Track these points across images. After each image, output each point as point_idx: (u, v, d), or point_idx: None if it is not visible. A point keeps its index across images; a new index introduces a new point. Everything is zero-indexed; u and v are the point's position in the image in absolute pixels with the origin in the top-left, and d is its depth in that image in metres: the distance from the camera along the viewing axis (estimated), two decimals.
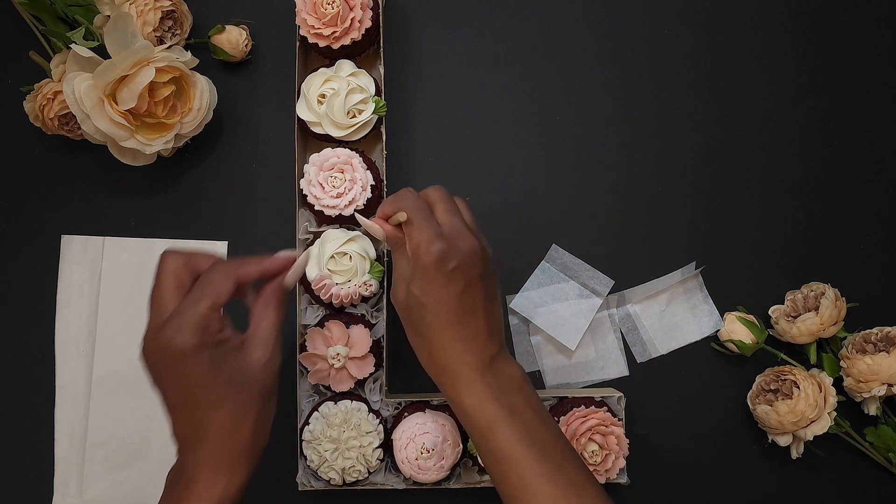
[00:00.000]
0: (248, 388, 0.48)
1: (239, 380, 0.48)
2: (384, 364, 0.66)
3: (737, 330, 0.68)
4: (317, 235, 0.66)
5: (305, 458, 0.64)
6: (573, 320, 0.69)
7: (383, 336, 0.66)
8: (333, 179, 0.63)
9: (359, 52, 0.68)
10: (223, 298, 0.48)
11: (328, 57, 0.68)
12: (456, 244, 0.51)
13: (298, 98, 0.66)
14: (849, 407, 0.68)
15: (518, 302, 0.70)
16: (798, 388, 0.64)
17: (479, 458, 0.63)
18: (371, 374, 0.65)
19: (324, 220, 0.65)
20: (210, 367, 0.46)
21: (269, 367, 0.50)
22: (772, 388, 0.66)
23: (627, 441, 0.64)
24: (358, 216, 0.56)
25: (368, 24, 0.65)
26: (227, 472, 0.47)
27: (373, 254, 0.64)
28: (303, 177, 0.64)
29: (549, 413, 0.55)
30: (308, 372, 0.65)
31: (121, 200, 0.71)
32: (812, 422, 0.64)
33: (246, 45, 0.70)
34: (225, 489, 0.47)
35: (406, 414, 0.65)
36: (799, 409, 0.63)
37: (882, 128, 0.72)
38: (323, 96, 0.65)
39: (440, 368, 0.52)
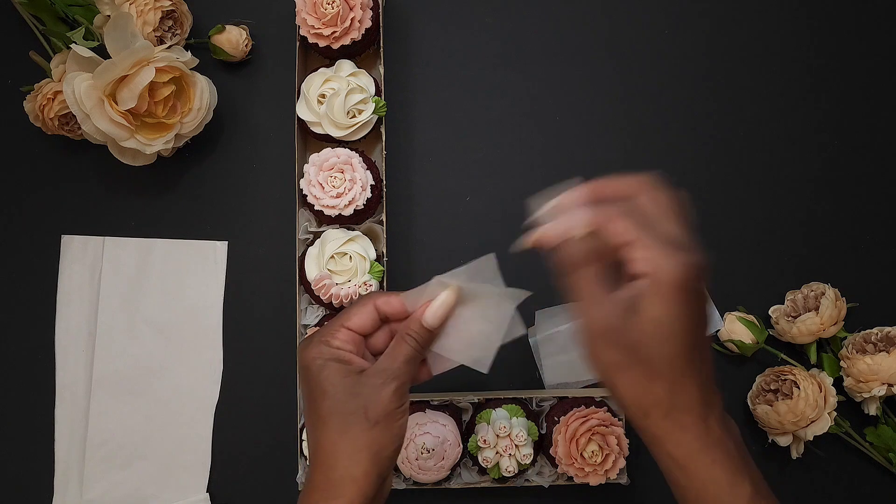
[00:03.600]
0: (359, 410, 0.44)
1: (352, 398, 0.44)
2: None
3: (737, 330, 0.68)
4: (317, 235, 0.66)
5: (305, 459, 0.64)
6: None
7: None
8: (333, 179, 0.63)
9: (359, 52, 0.68)
10: (352, 322, 0.46)
11: (328, 57, 0.68)
12: (697, 256, 0.40)
13: (298, 98, 0.66)
14: (849, 407, 0.68)
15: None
16: (798, 388, 0.64)
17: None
18: None
19: (324, 220, 0.65)
20: (326, 379, 0.44)
21: (388, 395, 0.44)
22: (772, 388, 0.66)
23: (627, 441, 0.64)
24: (552, 195, 0.42)
25: (368, 24, 0.65)
26: (363, 494, 0.44)
27: (373, 254, 0.64)
28: (302, 177, 0.64)
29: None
30: None
31: (121, 200, 0.71)
32: (812, 422, 0.64)
33: (246, 45, 0.70)
34: None
35: None
36: (799, 409, 0.63)
37: (882, 128, 0.72)
38: (323, 96, 0.65)
39: (677, 425, 0.41)
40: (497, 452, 0.63)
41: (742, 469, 0.42)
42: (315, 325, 0.65)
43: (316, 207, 0.64)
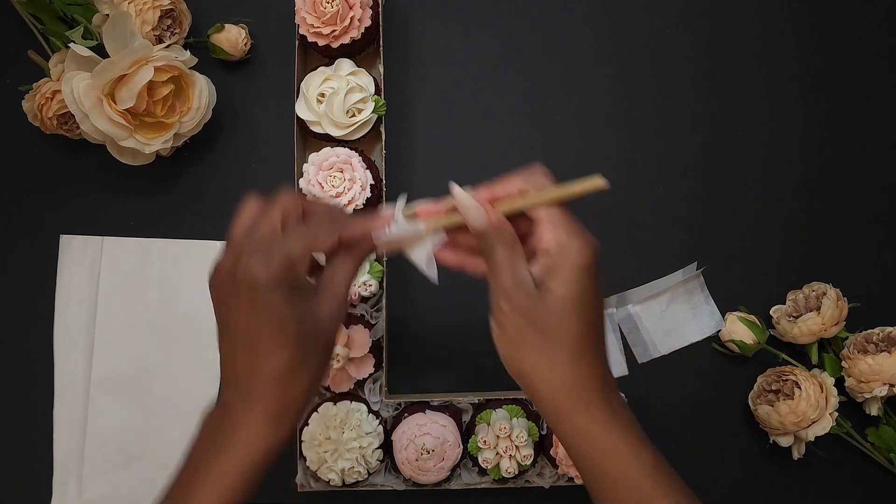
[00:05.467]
0: (313, 338, 0.44)
1: (307, 328, 0.43)
2: (384, 365, 0.66)
3: (738, 330, 0.68)
4: None
5: (305, 459, 0.63)
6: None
7: (383, 336, 0.66)
8: (333, 179, 0.63)
9: (358, 51, 0.68)
10: (321, 247, 0.44)
11: (328, 56, 0.68)
12: (597, 243, 0.43)
13: (298, 97, 0.66)
14: (850, 407, 0.68)
15: None
16: (799, 388, 0.64)
17: (589, 490, 0.48)
18: (370, 375, 0.65)
19: None
20: (284, 308, 0.42)
21: (336, 321, 0.45)
22: (773, 388, 0.66)
23: None
24: (454, 189, 0.44)
25: (368, 22, 0.65)
26: (276, 421, 0.43)
27: (373, 255, 0.64)
28: (302, 176, 0.64)
29: None
30: None
31: (120, 200, 0.71)
32: (813, 422, 0.64)
33: (245, 44, 0.70)
34: (270, 440, 0.43)
35: (406, 415, 0.65)
36: (800, 410, 0.63)
37: (882, 128, 0.72)
38: (322, 95, 0.64)
39: (580, 398, 0.44)
40: (497, 453, 0.63)
41: (643, 441, 0.45)
42: None
43: None
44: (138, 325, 0.69)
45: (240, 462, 0.43)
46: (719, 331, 0.69)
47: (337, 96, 0.64)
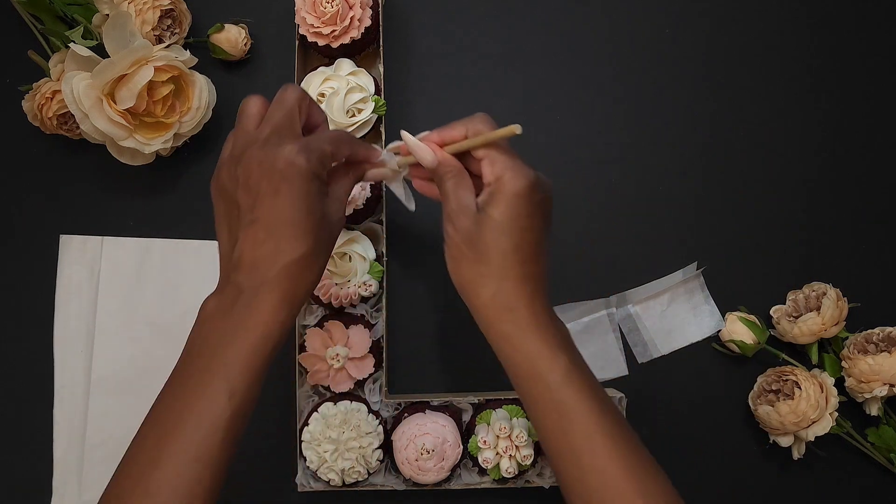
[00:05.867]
0: (328, 233, 0.48)
1: (324, 223, 0.48)
2: (384, 364, 0.66)
3: (738, 330, 0.68)
4: None
5: (305, 459, 0.63)
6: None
7: (383, 336, 0.66)
8: None
9: (358, 51, 0.68)
10: (342, 154, 0.50)
11: (327, 56, 0.68)
12: (539, 175, 0.49)
13: None
14: (850, 407, 0.68)
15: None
16: (799, 388, 0.64)
17: (528, 416, 0.55)
18: (370, 375, 0.65)
19: None
20: (314, 198, 0.46)
21: (340, 224, 0.50)
22: (773, 388, 0.66)
23: None
24: (406, 135, 0.51)
25: (368, 22, 0.65)
26: (288, 306, 0.46)
27: (372, 254, 0.64)
28: None
29: None
30: (307, 372, 0.65)
31: (119, 200, 0.71)
32: (813, 422, 0.64)
33: (245, 44, 0.70)
34: (286, 320, 0.46)
35: (406, 415, 0.65)
36: (800, 410, 0.63)
37: (882, 128, 0.72)
38: (322, 95, 0.64)
39: (506, 307, 0.48)
40: (497, 453, 0.63)
41: (562, 346, 0.48)
42: (314, 326, 0.65)
43: None
44: (138, 325, 0.69)
45: (255, 342, 0.46)
46: (719, 331, 0.69)
47: (337, 96, 0.64)
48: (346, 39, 0.65)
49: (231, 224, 0.48)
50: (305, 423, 0.64)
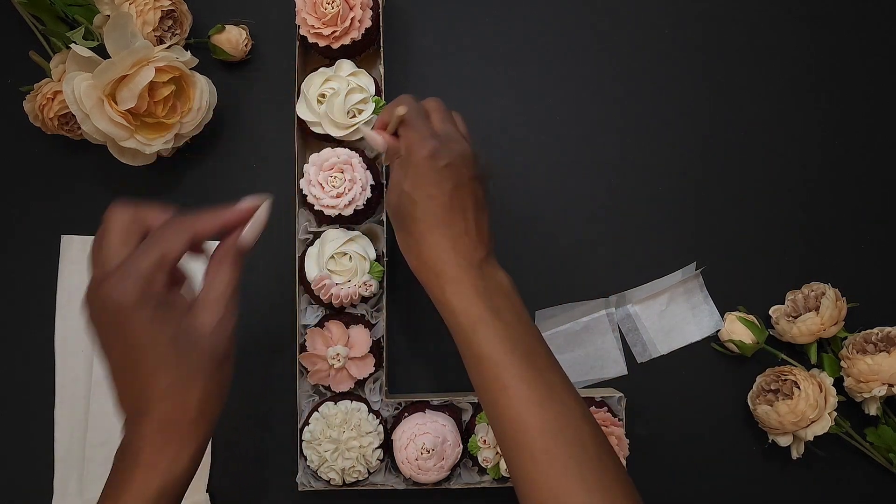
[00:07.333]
0: (195, 352, 0.44)
1: (185, 343, 0.43)
2: (384, 364, 0.66)
3: (737, 330, 0.68)
4: (317, 235, 0.66)
5: (305, 459, 0.64)
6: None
7: (383, 336, 0.66)
8: (333, 179, 0.63)
9: (359, 52, 0.68)
10: (173, 254, 0.44)
11: (328, 57, 0.68)
12: (448, 144, 0.53)
13: (298, 98, 0.66)
14: (849, 407, 0.68)
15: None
16: (798, 388, 0.64)
17: (470, 375, 0.54)
18: (371, 375, 0.65)
19: (324, 220, 0.65)
20: (151, 325, 0.42)
21: (220, 331, 0.45)
22: (772, 388, 0.66)
23: (627, 441, 0.64)
24: (361, 127, 0.58)
25: (368, 23, 0.65)
26: (174, 446, 0.43)
27: (373, 254, 0.64)
28: (302, 177, 0.64)
29: (534, 322, 0.54)
30: (308, 372, 0.65)
31: (120, 200, 0.71)
32: (812, 422, 0.64)
33: (246, 45, 0.70)
34: (169, 468, 0.43)
35: (406, 414, 0.65)
36: (799, 410, 0.63)
37: (882, 128, 0.72)
38: (323, 96, 0.64)
39: (428, 267, 0.52)
40: (497, 452, 0.63)
41: (482, 297, 0.50)
42: (315, 326, 0.65)
43: (316, 207, 0.64)
44: None
45: (140, 495, 0.42)
46: (718, 331, 0.69)
47: (337, 97, 0.64)
48: (346, 40, 0.65)
49: (105, 367, 0.45)
50: (306, 423, 0.64)
